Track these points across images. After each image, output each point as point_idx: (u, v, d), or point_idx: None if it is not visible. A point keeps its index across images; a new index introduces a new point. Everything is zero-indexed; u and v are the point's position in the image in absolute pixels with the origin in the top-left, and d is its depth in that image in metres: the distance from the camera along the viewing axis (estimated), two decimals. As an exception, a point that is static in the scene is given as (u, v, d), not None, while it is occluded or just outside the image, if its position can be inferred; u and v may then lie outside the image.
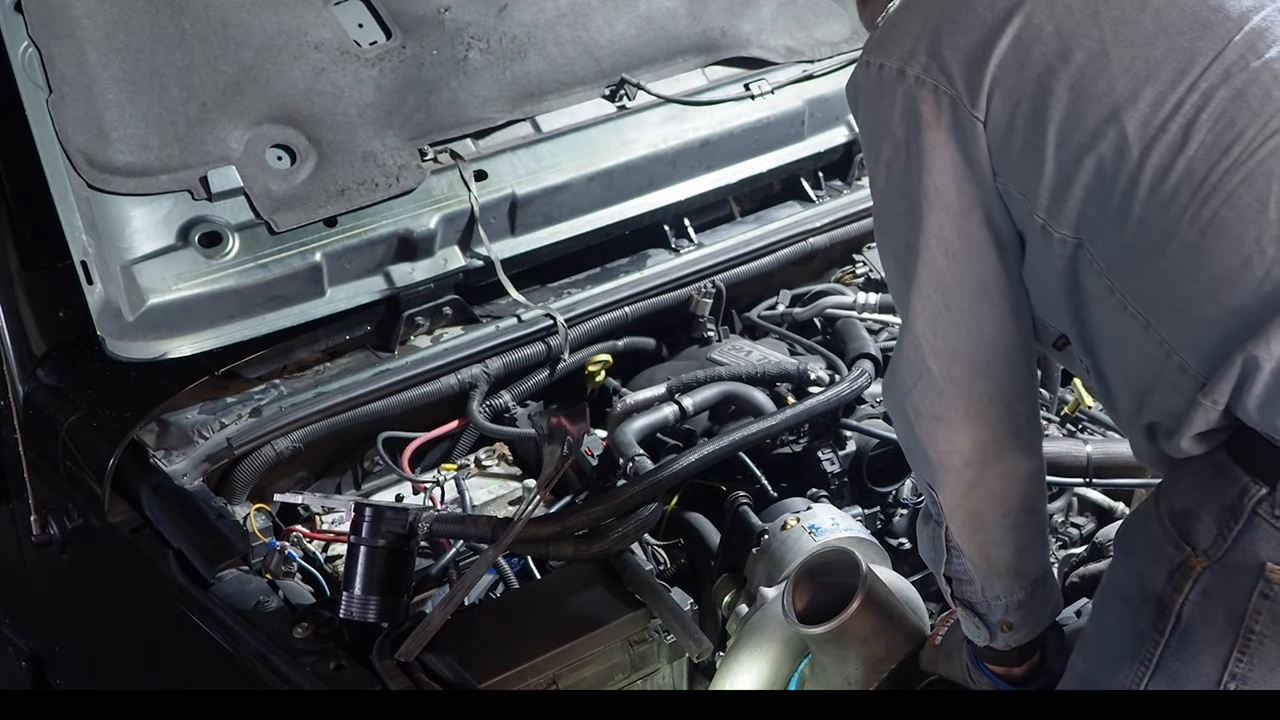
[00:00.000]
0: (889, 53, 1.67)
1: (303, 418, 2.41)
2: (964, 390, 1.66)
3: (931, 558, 1.80)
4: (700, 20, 3.04)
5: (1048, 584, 1.82)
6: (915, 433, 1.71)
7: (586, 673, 2.03)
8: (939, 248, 1.64)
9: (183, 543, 2.22)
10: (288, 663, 1.99)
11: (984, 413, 1.67)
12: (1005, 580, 1.76)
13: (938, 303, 1.66)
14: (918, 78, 1.64)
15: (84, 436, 2.38)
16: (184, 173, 2.46)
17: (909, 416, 1.71)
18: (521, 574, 2.26)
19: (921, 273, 1.65)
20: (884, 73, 1.67)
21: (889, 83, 1.66)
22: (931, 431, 1.69)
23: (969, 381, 1.67)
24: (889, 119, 1.66)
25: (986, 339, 1.67)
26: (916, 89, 1.64)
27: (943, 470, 1.70)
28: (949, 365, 1.66)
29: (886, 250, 1.75)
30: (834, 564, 1.97)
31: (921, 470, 1.74)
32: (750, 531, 2.24)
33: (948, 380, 1.66)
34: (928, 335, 1.66)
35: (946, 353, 1.66)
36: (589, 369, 2.66)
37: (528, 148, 2.78)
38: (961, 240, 1.64)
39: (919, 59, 1.64)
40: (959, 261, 1.64)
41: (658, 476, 2.20)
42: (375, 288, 2.57)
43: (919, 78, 1.64)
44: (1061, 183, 1.58)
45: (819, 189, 3.13)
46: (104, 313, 2.30)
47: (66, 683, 2.71)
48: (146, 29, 2.50)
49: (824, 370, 2.55)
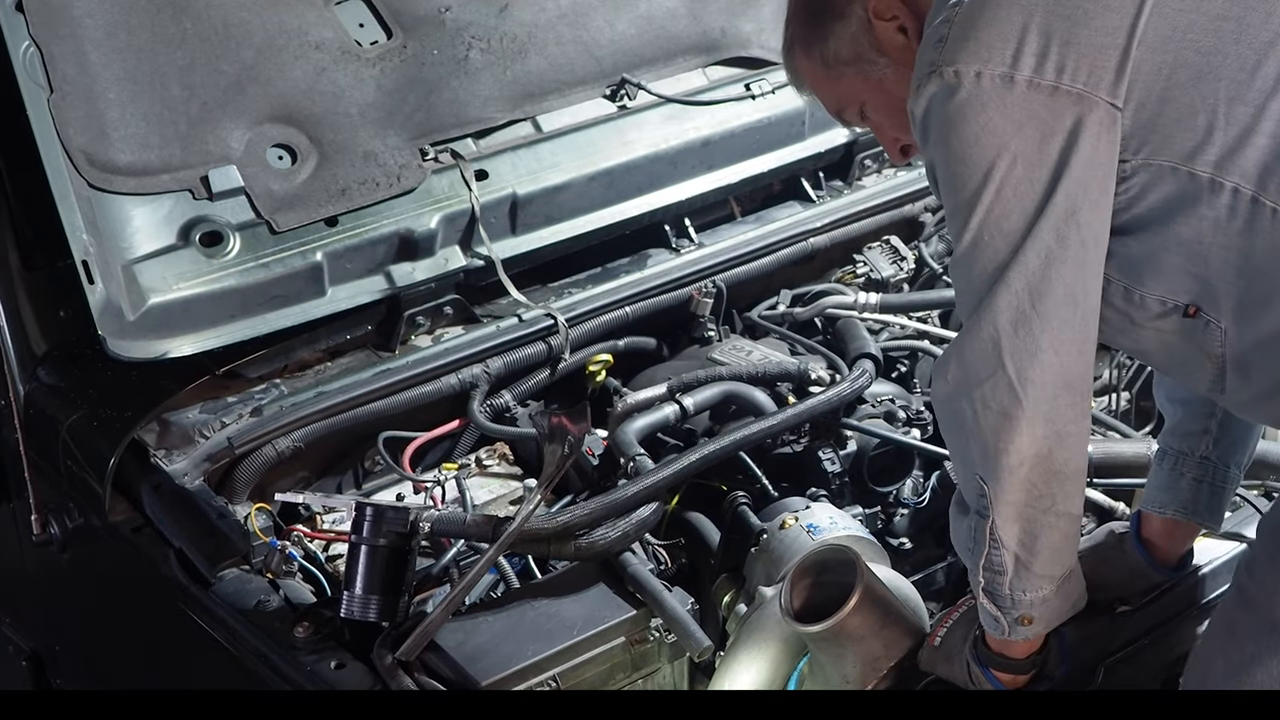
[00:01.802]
0: (981, 58, 1.60)
1: (303, 417, 2.41)
2: (1037, 391, 1.64)
3: (969, 549, 1.79)
4: (701, 20, 3.04)
5: (1072, 581, 1.81)
6: (978, 425, 1.69)
7: (586, 673, 2.03)
8: (1035, 251, 1.62)
9: (183, 542, 2.22)
10: (288, 662, 1.99)
11: (1052, 414, 1.66)
12: (1038, 575, 1.76)
13: (1025, 304, 1.63)
14: (1030, 81, 1.59)
15: (85, 436, 2.38)
16: (185, 172, 2.46)
17: (975, 408, 1.68)
18: (521, 574, 2.26)
19: (1013, 273, 1.63)
20: (982, 81, 1.60)
21: (992, 91, 1.60)
22: (997, 427, 1.67)
23: (1043, 383, 1.65)
24: (996, 129, 1.60)
25: (1068, 340, 1.65)
26: (1031, 93, 1.59)
27: (1002, 467, 1.68)
28: (1027, 366, 1.64)
29: (974, 255, 1.67)
30: (831, 562, 1.96)
31: (975, 463, 1.72)
32: (749, 531, 2.24)
33: (1023, 380, 1.64)
34: (1009, 333, 1.64)
35: (1026, 354, 1.64)
36: (590, 369, 2.66)
37: (528, 147, 2.78)
38: (1059, 244, 1.62)
39: (1027, 62, 1.59)
40: (1054, 265, 1.62)
41: (658, 476, 2.20)
42: (376, 287, 2.58)
43: (1032, 81, 1.59)
44: (1243, 133, 1.57)
45: (819, 189, 3.13)
46: (105, 312, 2.30)
47: (66, 683, 2.71)
48: (148, 28, 2.50)
49: (824, 370, 2.55)
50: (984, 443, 1.69)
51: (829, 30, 1.83)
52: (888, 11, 1.78)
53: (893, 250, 3.04)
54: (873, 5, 1.79)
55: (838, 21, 1.82)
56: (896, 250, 3.04)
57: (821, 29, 1.84)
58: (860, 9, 1.80)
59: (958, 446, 1.77)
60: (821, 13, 1.84)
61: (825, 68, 1.87)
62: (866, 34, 1.80)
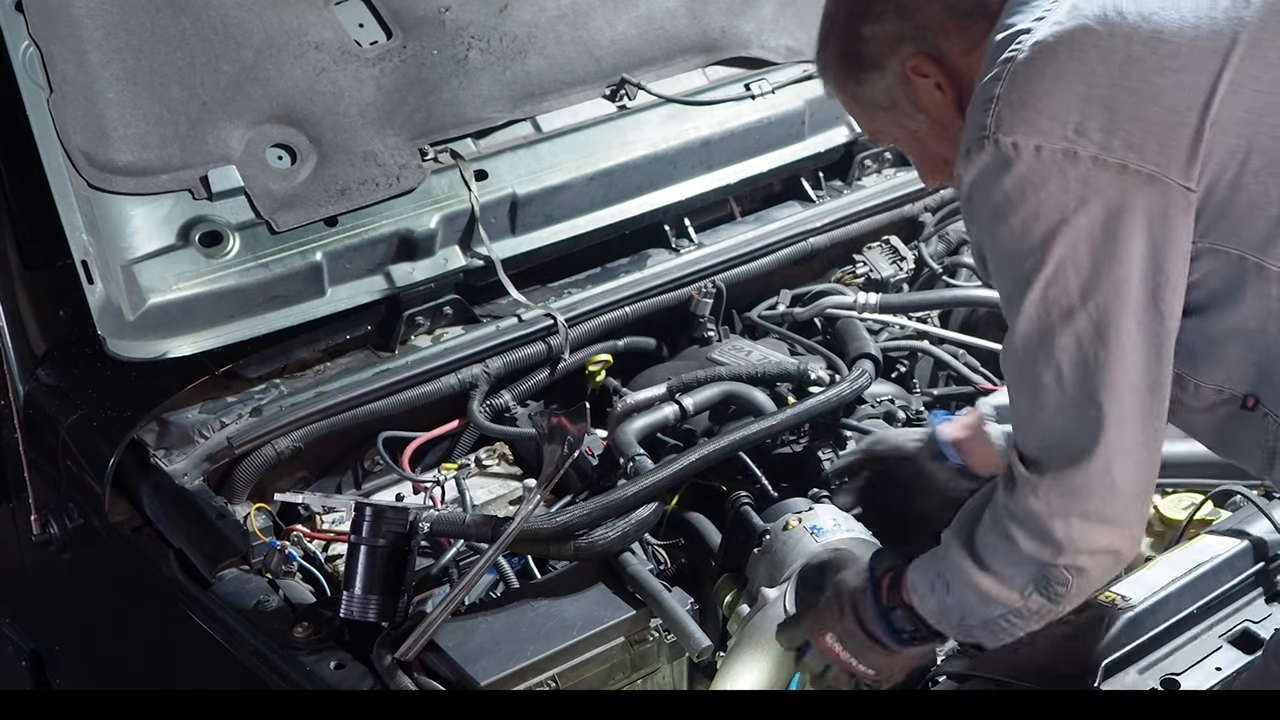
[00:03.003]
0: (1040, 130, 1.53)
1: (303, 417, 2.41)
2: (1134, 495, 1.61)
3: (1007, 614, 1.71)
4: (700, 20, 3.04)
5: None
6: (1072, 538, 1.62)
7: (586, 673, 2.03)
8: (1119, 345, 1.55)
9: (183, 542, 2.22)
10: (288, 662, 1.99)
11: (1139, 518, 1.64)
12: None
13: (1127, 407, 1.57)
14: (1096, 158, 1.51)
15: (84, 436, 2.38)
16: (184, 172, 2.46)
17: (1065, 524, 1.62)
18: (521, 574, 2.26)
19: (1115, 373, 1.55)
20: (1042, 155, 1.52)
21: (1053, 166, 1.52)
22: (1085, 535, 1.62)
23: (1138, 479, 1.61)
24: (1060, 207, 1.52)
25: (1154, 434, 1.60)
26: (1096, 171, 1.51)
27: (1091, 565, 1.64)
28: (1129, 471, 1.59)
29: (1045, 350, 1.58)
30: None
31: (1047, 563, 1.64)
32: (751, 531, 2.24)
33: (1124, 487, 1.60)
34: (1114, 443, 1.57)
35: (1130, 460, 1.58)
36: (589, 369, 2.66)
37: (528, 147, 2.78)
38: (1142, 333, 1.55)
39: (1092, 136, 1.52)
40: (1138, 358, 1.56)
41: (658, 476, 2.20)
42: (376, 287, 2.57)
43: (1098, 158, 1.51)
44: None
45: (819, 189, 3.13)
46: (104, 312, 2.30)
47: (66, 683, 2.71)
48: (147, 28, 2.50)
49: (824, 370, 2.54)
50: (1077, 552, 1.62)
51: (864, 78, 1.77)
52: (924, 69, 1.72)
53: (892, 250, 3.04)
54: (910, 63, 1.71)
55: (873, 72, 1.76)
56: (896, 250, 3.04)
57: (857, 74, 1.78)
58: (897, 64, 1.73)
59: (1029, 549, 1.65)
60: (857, 60, 1.77)
61: (858, 105, 1.83)
62: (903, 87, 1.74)
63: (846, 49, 1.78)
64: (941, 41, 1.70)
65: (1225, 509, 2.26)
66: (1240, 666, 1.92)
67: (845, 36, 1.77)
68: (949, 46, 1.70)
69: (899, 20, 1.71)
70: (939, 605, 1.77)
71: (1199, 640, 1.99)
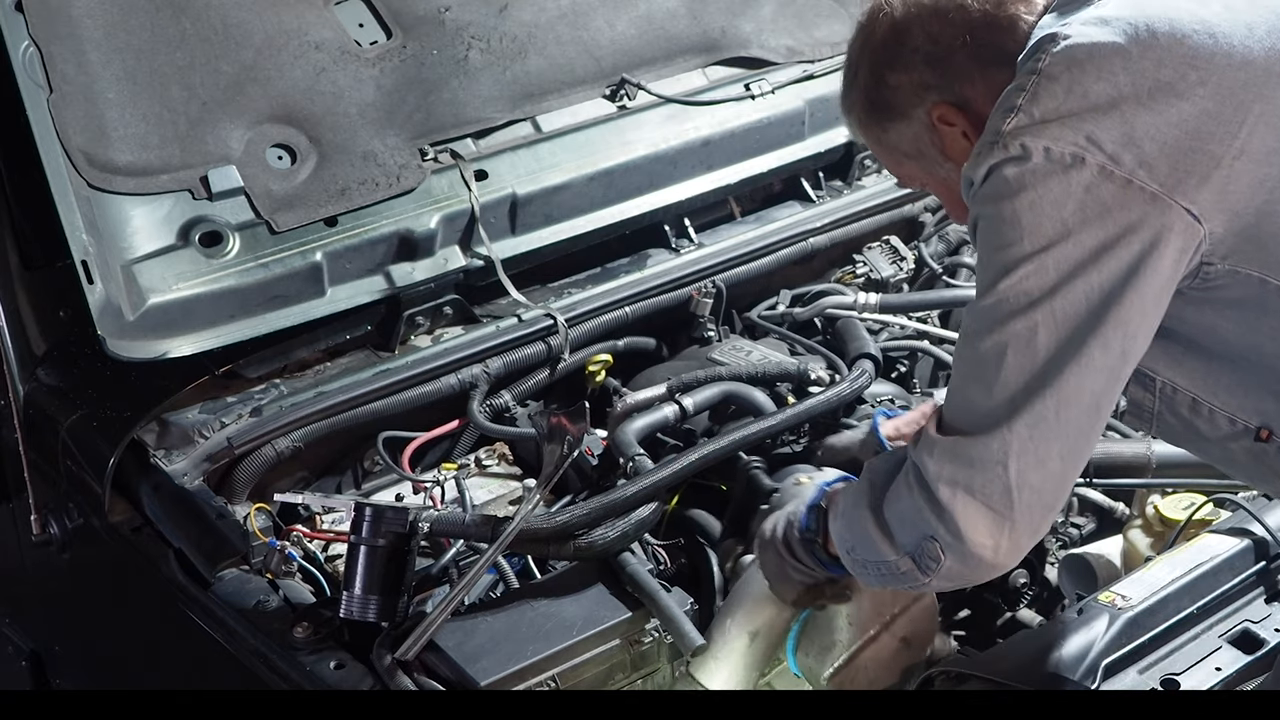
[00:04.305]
0: (1051, 134, 1.52)
1: (303, 417, 2.41)
2: (1029, 500, 1.57)
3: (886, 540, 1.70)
4: (700, 20, 3.04)
5: None
6: (952, 509, 1.60)
7: (585, 673, 2.03)
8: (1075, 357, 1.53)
9: (183, 542, 2.22)
10: (288, 662, 1.99)
11: (1034, 528, 1.61)
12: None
13: (1050, 410, 1.54)
14: (1103, 168, 1.50)
15: (84, 436, 2.38)
16: (184, 172, 2.46)
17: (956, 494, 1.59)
18: (521, 574, 2.26)
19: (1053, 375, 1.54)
20: (1051, 156, 1.52)
21: (1059, 167, 1.51)
22: (972, 520, 1.59)
23: (1040, 493, 1.58)
24: (1059, 210, 1.51)
25: (1079, 453, 1.59)
26: (1101, 181, 1.50)
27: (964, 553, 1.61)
28: (1030, 471, 1.56)
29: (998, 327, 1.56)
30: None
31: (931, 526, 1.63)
32: (760, 491, 2.24)
33: (1021, 486, 1.57)
34: (1022, 434, 1.55)
35: (1035, 460, 1.56)
36: (589, 369, 2.66)
37: (528, 147, 2.78)
38: (1101, 352, 1.53)
39: (1104, 147, 1.50)
40: (1087, 374, 1.54)
41: (657, 476, 2.20)
42: (375, 287, 2.58)
43: (1104, 168, 1.50)
44: None
45: (819, 189, 3.13)
46: (104, 312, 2.30)
47: (66, 683, 2.71)
48: (147, 28, 2.50)
49: (824, 370, 2.54)
50: (953, 526, 1.60)
51: (890, 126, 1.77)
52: (950, 118, 1.71)
53: (892, 250, 3.04)
54: (937, 112, 1.71)
55: (900, 121, 1.75)
56: (896, 250, 3.04)
57: (883, 122, 1.78)
58: (923, 113, 1.72)
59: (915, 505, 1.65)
60: (883, 108, 1.76)
61: (884, 150, 1.82)
62: (930, 135, 1.74)
63: (873, 96, 1.77)
64: (967, 90, 1.69)
65: (1225, 509, 2.26)
66: (1240, 666, 1.92)
67: (871, 84, 1.77)
68: (974, 95, 1.69)
69: (926, 69, 1.70)
70: (839, 530, 1.80)
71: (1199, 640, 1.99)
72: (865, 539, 1.73)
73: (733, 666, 2.02)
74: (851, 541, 1.78)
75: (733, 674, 2.02)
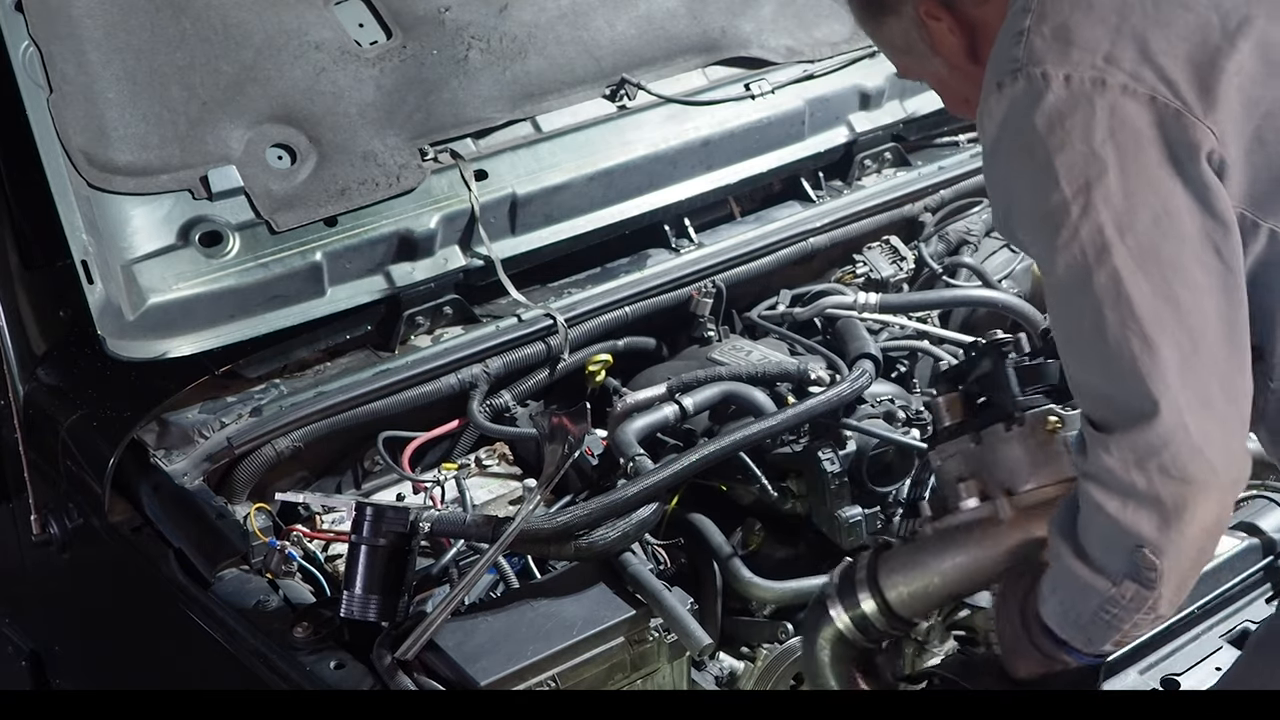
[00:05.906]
0: (1070, 60, 1.48)
1: (303, 417, 2.41)
2: (1222, 453, 1.47)
3: (1098, 603, 1.58)
4: (700, 20, 3.04)
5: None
6: (1155, 495, 1.48)
7: (586, 673, 2.03)
8: (1177, 283, 1.44)
9: (183, 542, 2.22)
10: (288, 662, 1.99)
11: (1240, 476, 1.51)
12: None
13: (1186, 345, 1.45)
14: (1125, 86, 1.46)
15: (84, 436, 2.38)
16: (184, 172, 2.46)
17: (1150, 477, 1.47)
18: (521, 574, 2.26)
19: (1164, 317, 1.44)
20: (1072, 85, 1.47)
21: (1081, 95, 1.46)
22: (1180, 497, 1.48)
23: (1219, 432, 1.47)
24: (1086, 137, 1.46)
25: (1232, 382, 1.48)
26: (1125, 99, 1.46)
27: (1186, 538, 1.50)
28: (1205, 421, 1.45)
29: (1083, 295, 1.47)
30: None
31: (1142, 536, 1.51)
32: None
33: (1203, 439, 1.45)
34: (1179, 387, 1.44)
35: (1200, 405, 1.45)
36: (589, 369, 2.66)
37: (528, 147, 2.78)
38: (1203, 272, 1.45)
39: (1123, 65, 1.46)
40: (1200, 296, 1.45)
41: (658, 477, 2.20)
42: (375, 287, 2.58)
43: (1127, 86, 1.46)
44: None
45: (819, 189, 3.13)
46: (104, 312, 2.30)
47: (66, 683, 2.71)
48: (147, 28, 2.50)
49: (824, 370, 2.54)
50: (1163, 514, 1.48)
51: (883, 20, 1.79)
52: (936, 13, 1.71)
53: (892, 250, 3.04)
54: (923, 7, 1.71)
55: (890, 16, 1.77)
56: (896, 250, 3.04)
57: (877, 16, 1.79)
58: (911, 8, 1.73)
59: (1109, 521, 1.52)
60: (875, 3, 1.79)
61: (882, 44, 1.85)
62: (919, 30, 1.74)
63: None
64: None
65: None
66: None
67: None
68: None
69: None
70: (1055, 607, 1.67)
71: (1199, 640, 1.99)
72: (1078, 591, 1.60)
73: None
74: (1064, 607, 1.65)
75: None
